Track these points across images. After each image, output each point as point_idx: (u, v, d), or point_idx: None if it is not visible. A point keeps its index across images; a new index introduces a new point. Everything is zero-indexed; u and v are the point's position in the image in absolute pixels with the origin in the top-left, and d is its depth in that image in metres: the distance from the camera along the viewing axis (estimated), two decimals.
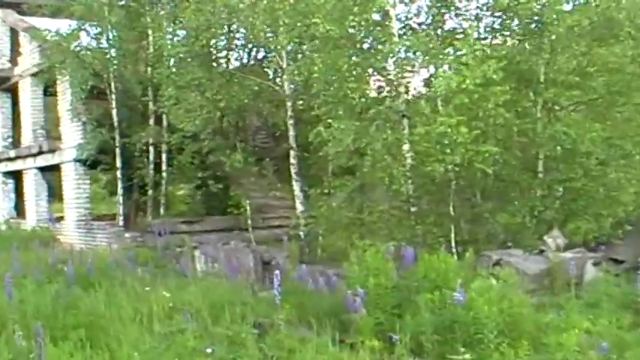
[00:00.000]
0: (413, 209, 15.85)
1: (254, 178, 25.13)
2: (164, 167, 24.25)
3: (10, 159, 30.19)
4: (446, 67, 15.17)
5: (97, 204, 31.58)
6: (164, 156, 24.26)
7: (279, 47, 19.64)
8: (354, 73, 15.67)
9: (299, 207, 20.68)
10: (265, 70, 23.56)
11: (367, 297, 10.70)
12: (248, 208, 21.99)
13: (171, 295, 12.65)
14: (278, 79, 21.65)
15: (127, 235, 22.71)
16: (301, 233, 20.58)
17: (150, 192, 24.43)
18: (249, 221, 21.93)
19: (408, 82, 15.95)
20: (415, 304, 10.42)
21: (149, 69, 24.31)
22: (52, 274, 14.87)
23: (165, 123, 24.17)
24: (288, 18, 16.97)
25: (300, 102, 21.63)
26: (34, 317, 11.25)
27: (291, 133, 20.56)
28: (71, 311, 11.69)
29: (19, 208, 31.25)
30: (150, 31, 24.03)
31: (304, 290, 13.00)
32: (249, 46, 23.23)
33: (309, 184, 21.37)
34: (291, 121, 20.52)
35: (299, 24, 16.99)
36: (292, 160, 20.64)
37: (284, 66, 20.40)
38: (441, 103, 15.04)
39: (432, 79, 15.37)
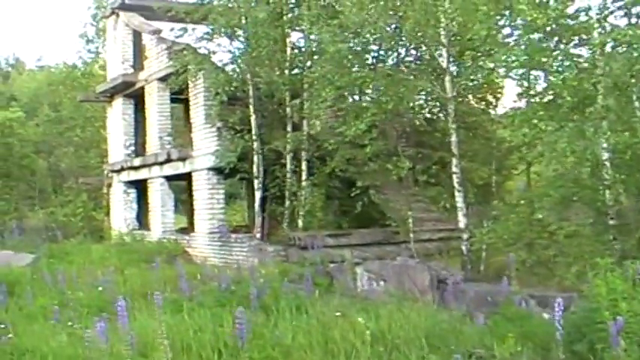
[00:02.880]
0: (611, 222, 13.92)
1: (397, 189, 23.35)
2: (304, 176, 22.62)
3: (133, 167, 28.88)
4: None
5: None
6: (304, 164, 22.64)
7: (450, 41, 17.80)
8: (563, 65, 13.72)
9: (462, 220, 18.82)
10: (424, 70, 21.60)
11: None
12: (410, 220, 20.13)
13: (365, 322, 10.86)
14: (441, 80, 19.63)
15: (269, 248, 21.01)
16: (463, 248, 18.74)
17: (287, 202, 22.82)
18: (412, 235, 20.10)
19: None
20: None
21: (286, 71, 22.76)
22: (221, 297, 13.17)
23: (306, 129, 22.65)
24: (484, 5, 15.02)
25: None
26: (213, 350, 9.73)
27: (454, 139, 18.69)
28: (256, 341, 10.02)
29: (142, 219, 30.06)
30: (288, 30, 22.56)
31: (519, 315, 11.14)
32: (414, 43, 21.10)
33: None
34: (453, 126, 18.64)
35: (495, 12, 15.05)
36: (455, 169, 18.76)
37: (444, 66, 18.62)
38: None
39: None
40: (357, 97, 21.25)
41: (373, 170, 21.18)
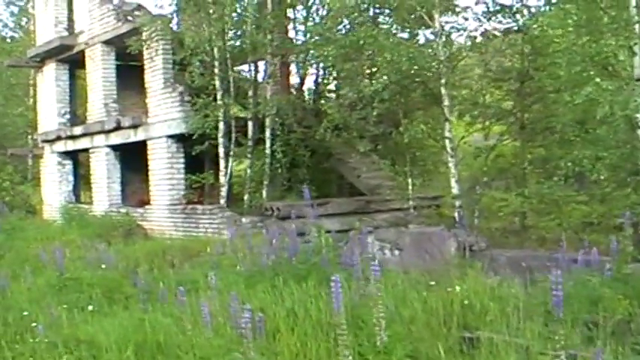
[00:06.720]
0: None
1: (359, 157, 22.66)
2: (267, 144, 21.64)
3: (72, 137, 27.13)
4: None
5: None
6: (268, 132, 21.65)
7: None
8: (615, 26, 13.20)
9: (454, 186, 18.27)
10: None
11: None
12: (410, 187, 19.45)
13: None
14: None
15: (244, 220, 19.93)
16: (456, 215, 18.26)
17: (249, 171, 21.92)
18: (411, 202, 19.43)
19: None
20: None
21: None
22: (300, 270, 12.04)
23: (268, 96, 21.67)
24: None
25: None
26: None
27: (446, 103, 18.07)
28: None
29: (77, 192, 28.51)
30: None
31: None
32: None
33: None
34: (445, 90, 18.01)
35: None
36: (447, 134, 18.18)
37: (437, 26, 18.00)
38: None
39: None
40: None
41: (373, 135, 20.41)
